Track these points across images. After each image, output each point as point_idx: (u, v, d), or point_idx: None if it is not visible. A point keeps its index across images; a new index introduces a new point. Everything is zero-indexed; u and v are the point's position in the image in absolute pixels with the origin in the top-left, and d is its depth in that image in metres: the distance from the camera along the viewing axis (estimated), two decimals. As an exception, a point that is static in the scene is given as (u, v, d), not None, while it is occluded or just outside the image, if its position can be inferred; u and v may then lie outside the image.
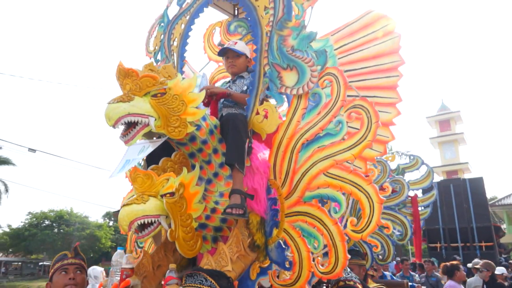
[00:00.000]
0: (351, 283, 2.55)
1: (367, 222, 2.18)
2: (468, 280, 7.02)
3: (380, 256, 4.18)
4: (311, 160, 2.37)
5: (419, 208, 4.86)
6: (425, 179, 4.85)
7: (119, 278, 2.31)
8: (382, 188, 3.96)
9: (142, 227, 2.08)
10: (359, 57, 3.03)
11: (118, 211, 2.39)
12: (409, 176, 4.95)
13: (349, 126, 2.35)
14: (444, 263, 5.96)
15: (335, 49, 3.08)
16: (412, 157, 4.99)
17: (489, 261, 6.51)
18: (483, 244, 15.94)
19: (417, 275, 9.46)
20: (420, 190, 5.15)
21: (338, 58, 3.06)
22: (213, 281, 1.80)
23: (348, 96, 2.41)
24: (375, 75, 2.98)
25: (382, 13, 2.95)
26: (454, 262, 5.88)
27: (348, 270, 2.75)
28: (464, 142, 29.98)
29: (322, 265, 2.25)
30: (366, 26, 2.99)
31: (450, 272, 5.65)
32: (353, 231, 2.22)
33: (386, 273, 6.64)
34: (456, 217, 17.00)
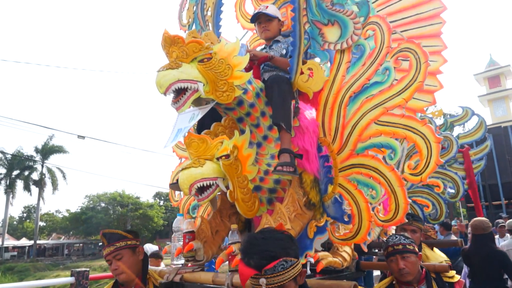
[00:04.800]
0: (400, 247, 2.49)
1: (425, 163, 2.15)
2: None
3: (431, 216, 4.11)
4: (360, 112, 2.34)
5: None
6: (477, 131, 4.60)
7: (181, 243, 2.39)
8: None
9: (201, 190, 2.12)
10: (398, 7, 2.96)
11: (174, 183, 2.43)
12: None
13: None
14: None
15: (373, 2, 3.01)
16: (462, 109, 4.76)
17: None
18: (531, 200, 14.54)
19: None
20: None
21: (377, 12, 2.99)
22: (292, 259, 1.58)
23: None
24: (416, 24, 2.90)
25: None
26: None
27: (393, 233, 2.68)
28: (516, 97, 28.64)
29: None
30: None
31: None
32: (412, 174, 2.19)
33: None
34: (497, 171, 15.60)
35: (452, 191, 4.23)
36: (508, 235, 6.83)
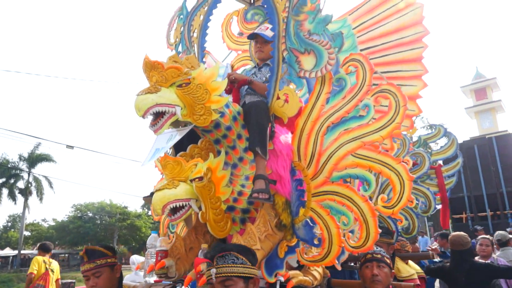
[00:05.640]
0: (379, 256, 2.60)
1: (398, 198, 2.28)
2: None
3: (405, 230, 4.23)
4: (337, 142, 2.44)
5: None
6: (449, 148, 4.79)
7: (154, 260, 2.45)
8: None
9: (174, 210, 2.21)
10: (380, 32, 3.04)
11: (148, 196, 2.51)
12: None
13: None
14: None
15: (354, 28, 3.11)
16: (434, 127, 4.94)
17: None
18: (516, 211, 14.17)
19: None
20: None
21: (358, 37, 3.08)
22: (244, 258, 1.88)
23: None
24: (398, 49, 2.99)
25: (401, -15, 2.93)
26: None
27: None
28: (502, 110, 28.70)
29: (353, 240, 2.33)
30: (386, 0, 3.00)
31: None
32: (384, 207, 2.32)
33: None
34: (482, 182, 15.32)
35: (424, 206, 4.35)
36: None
